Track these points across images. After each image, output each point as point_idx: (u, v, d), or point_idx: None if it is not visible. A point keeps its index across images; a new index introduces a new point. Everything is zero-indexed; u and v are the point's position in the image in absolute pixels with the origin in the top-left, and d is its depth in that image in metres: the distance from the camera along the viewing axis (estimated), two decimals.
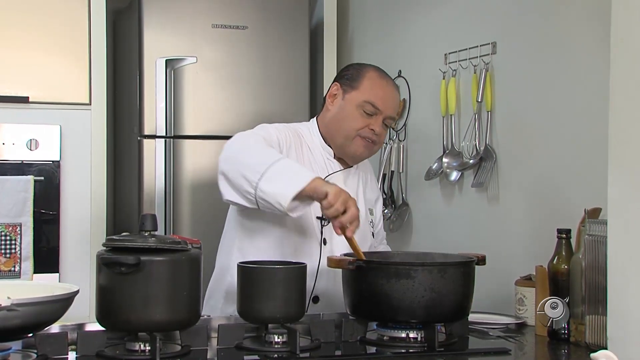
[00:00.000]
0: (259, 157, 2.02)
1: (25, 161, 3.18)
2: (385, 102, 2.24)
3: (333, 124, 2.28)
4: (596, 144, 2.17)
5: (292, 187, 1.93)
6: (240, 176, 2.01)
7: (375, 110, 2.22)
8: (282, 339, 1.81)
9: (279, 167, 1.98)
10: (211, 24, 3.31)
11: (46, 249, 3.21)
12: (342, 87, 2.28)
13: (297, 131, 2.29)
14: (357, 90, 2.24)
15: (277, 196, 1.94)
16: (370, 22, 3.53)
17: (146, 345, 1.71)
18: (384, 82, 2.29)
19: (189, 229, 3.22)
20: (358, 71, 2.29)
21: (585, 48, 2.30)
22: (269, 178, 1.96)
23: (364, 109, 2.22)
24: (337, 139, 2.27)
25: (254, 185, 1.97)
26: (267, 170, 1.96)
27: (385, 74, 2.31)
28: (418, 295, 1.84)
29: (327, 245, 2.23)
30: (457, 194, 2.88)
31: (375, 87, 2.25)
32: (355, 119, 2.23)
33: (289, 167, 2.02)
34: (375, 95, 2.23)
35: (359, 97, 2.23)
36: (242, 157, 2.05)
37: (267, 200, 1.97)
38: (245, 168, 2.01)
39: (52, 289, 1.73)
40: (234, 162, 2.05)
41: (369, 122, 2.23)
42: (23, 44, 3.22)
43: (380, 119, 2.23)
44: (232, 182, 2.04)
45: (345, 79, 2.29)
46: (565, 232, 2.08)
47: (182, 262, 1.71)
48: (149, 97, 3.22)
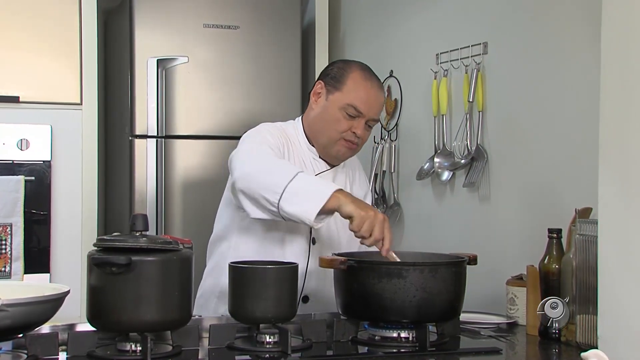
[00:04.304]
0: (274, 176, 2.03)
1: (15, 161, 3.17)
2: (368, 105, 2.22)
3: (316, 125, 2.28)
4: (587, 143, 2.18)
5: (314, 206, 1.96)
6: (261, 197, 2.03)
7: (358, 113, 2.22)
8: (273, 339, 1.81)
9: (297, 185, 1.99)
10: (203, 23, 3.31)
11: (37, 249, 3.20)
12: (326, 86, 2.26)
13: (285, 132, 2.29)
14: (340, 92, 2.23)
15: (300, 216, 1.98)
16: (362, 22, 3.54)
17: (137, 345, 1.70)
18: (368, 84, 2.25)
19: (180, 229, 3.21)
20: (342, 70, 2.26)
21: (576, 48, 2.31)
22: (288, 199, 1.98)
23: (347, 111, 2.21)
24: (320, 140, 2.27)
25: (275, 205, 2.00)
26: (284, 191, 1.98)
27: (369, 74, 2.28)
28: (409, 295, 1.84)
29: (316, 244, 2.24)
30: (448, 194, 2.89)
31: (359, 90, 2.23)
32: (339, 122, 2.22)
33: (306, 182, 2.02)
34: (359, 99, 2.21)
35: (343, 100, 2.22)
36: (258, 177, 2.05)
37: (292, 219, 2.01)
38: (263, 189, 2.02)
39: (43, 289, 1.72)
40: (251, 181, 2.06)
41: (351, 124, 2.22)
42: (13, 43, 3.21)
43: (363, 121, 2.23)
44: (254, 201, 2.06)
45: (330, 78, 2.27)
46: (556, 232, 2.08)
47: (173, 262, 1.71)
48: (140, 97, 3.22)
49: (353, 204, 1.96)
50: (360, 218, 1.94)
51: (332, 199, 1.95)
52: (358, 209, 1.95)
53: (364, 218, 1.94)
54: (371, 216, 1.94)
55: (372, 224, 1.94)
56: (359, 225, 1.94)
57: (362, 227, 1.93)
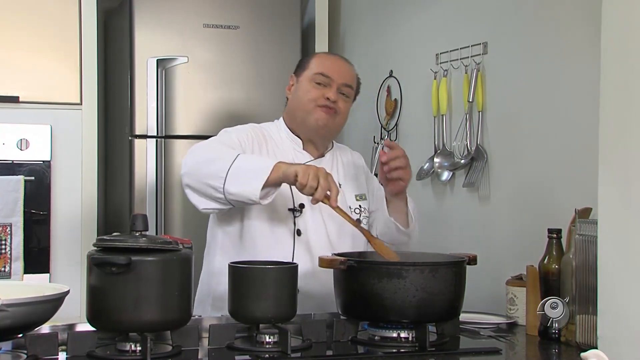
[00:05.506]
0: (217, 162, 2.08)
1: (15, 161, 3.17)
2: (334, 70, 2.29)
3: (293, 106, 2.33)
4: (587, 144, 2.18)
5: (257, 180, 2.00)
6: (206, 186, 2.08)
7: (326, 79, 2.27)
8: (273, 339, 1.81)
9: (238, 165, 2.04)
10: (202, 23, 3.31)
11: (37, 249, 3.20)
12: (295, 75, 2.36)
13: (262, 129, 2.34)
14: (307, 70, 2.32)
15: (246, 193, 2.02)
16: (362, 22, 3.54)
17: (137, 345, 1.70)
18: (332, 56, 2.45)
19: (180, 229, 3.21)
20: (307, 57, 2.40)
21: (576, 48, 2.31)
22: (232, 179, 2.03)
23: (316, 80, 2.28)
24: (299, 117, 2.31)
25: (221, 190, 2.04)
26: (228, 173, 2.03)
27: (333, 53, 2.37)
28: (409, 295, 1.84)
29: (301, 235, 2.25)
30: (448, 194, 2.89)
31: (323, 59, 2.36)
32: (309, 92, 2.28)
33: (247, 161, 2.08)
34: (324, 66, 2.30)
35: (310, 73, 2.30)
36: (202, 167, 2.11)
37: (238, 200, 2.05)
38: (208, 177, 2.07)
39: (43, 289, 1.72)
40: (195, 174, 2.11)
41: (323, 91, 2.27)
42: (13, 43, 3.21)
43: (335, 87, 2.28)
44: (200, 192, 2.10)
45: (297, 68, 2.38)
46: (555, 232, 2.08)
47: (173, 262, 1.71)
48: (140, 97, 3.22)
49: (296, 165, 2.03)
50: (304, 171, 1.98)
51: (274, 170, 2.01)
52: (301, 166, 2.01)
53: (307, 170, 1.98)
54: (315, 169, 1.99)
55: (317, 175, 1.97)
56: (305, 176, 1.97)
57: (309, 177, 1.96)
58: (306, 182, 1.97)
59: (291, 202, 2.22)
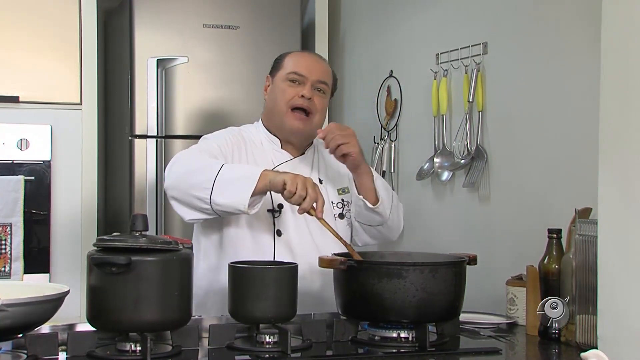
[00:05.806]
0: (202, 173, 2.09)
1: (15, 161, 3.17)
2: (307, 67, 2.31)
3: (269, 107, 2.35)
4: (587, 143, 2.18)
5: (245, 190, 2.01)
6: (192, 197, 2.09)
7: (300, 77, 2.29)
8: (273, 339, 1.81)
9: (224, 176, 2.05)
10: (202, 23, 3.31)
11: (37, 249, 3.19)
12: (271, 75, 2.38)
13: (240, 132, 2.36)
14: (281, 69, 2.33)
15: (234, 204, 2.03)
16: (362, 22, 3.54)
17: (137, 345, 1.70)
18: (305, 54, 2.47)
19: (180, 229, 3.21)
20: (281, 57, 2.39)
21: (575, 48, 2.31)
22: (219, 190, 2.04)
23: (290, 78, 2.29)
24: (276, 119, 2.33)
25: (207, 201, 2.06)
26: (214, 184, 2.04)
27: (307, 51, 2.36)
28: (409, 295, 1.84)
29: (282, 236, 2.25)
30: (448, 194, 2.89)
31: (296, 58, 2.36)
32: (284, 92, 2.29)
33: (233, 171, 2.08)
34: (297, 64, 2.32)
35: (284, 73, 2.32)
36: (186, 178, 2.12)
37: (225, 210, 2.06)
38: (193, 188, 2.08)
39: (43, 289, 1.72)
40: (180, 186, 2.12)
41: (297, 90, 2.28)
42: (13, 43, 3.20)
43: (309, 84, 2.29)
44: (186, 204, 2.12)
45: (272, 68, 2.39)
46: (555, 232, 2.08)
47: (173, 262, 1.71)
48: (140, 97, 3.21)
49: (283, 173, 2.03)
50: (292, 180, 1.99)
51: (260, 178, 2.02)
52: (288, 174, 2.01)
53: (295, 179, 1.99)
54: (302, 178, 2.00)
55: (305, 184, 1.98)
56: (293, 185, 1.98)
57: (297, 187, 1.97)
58: (295, 190, 1.98)
59: (270, 204, 2.22)
